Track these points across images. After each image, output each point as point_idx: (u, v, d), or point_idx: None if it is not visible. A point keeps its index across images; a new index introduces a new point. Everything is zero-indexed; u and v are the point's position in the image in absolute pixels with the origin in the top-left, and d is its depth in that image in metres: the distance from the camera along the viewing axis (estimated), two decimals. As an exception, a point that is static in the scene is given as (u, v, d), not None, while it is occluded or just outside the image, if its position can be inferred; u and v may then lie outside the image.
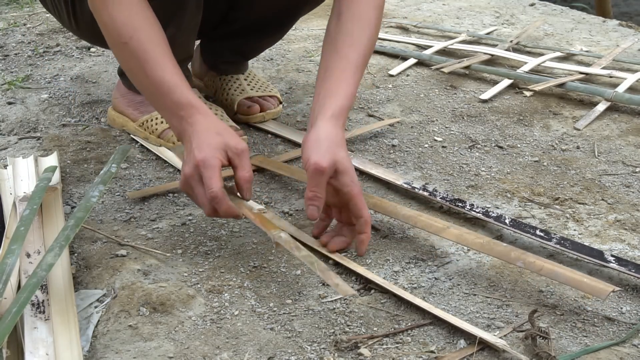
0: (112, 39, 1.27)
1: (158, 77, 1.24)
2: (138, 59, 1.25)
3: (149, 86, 1.27)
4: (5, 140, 1.65)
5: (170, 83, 1.24)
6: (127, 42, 1.24)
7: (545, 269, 1.12)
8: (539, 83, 1.90)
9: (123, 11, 1.25)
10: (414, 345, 1.05)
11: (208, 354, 1.03)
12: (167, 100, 1.25)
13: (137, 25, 1.25)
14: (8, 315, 0.97)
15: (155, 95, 1.27)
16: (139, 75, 1.27)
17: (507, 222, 1.29)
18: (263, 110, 1.72)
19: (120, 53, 1.28)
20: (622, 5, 4.26)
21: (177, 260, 1.23)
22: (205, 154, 1.19)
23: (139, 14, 1.26)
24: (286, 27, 1.77)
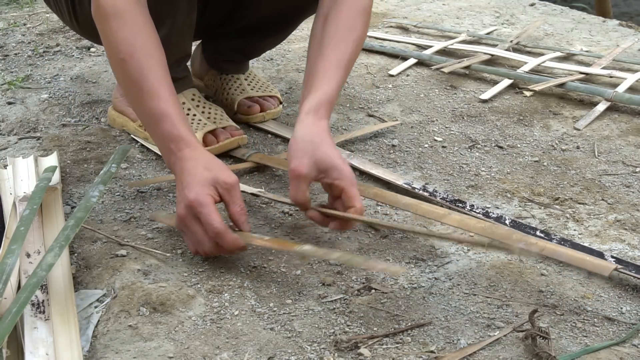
0: (111, 53, 1.25)
1: (152, 104, 1.22)
2: (135, 80, 1.23)
3: (143, 110, 1.25)
4: (5, 140, 1.65)
5: (163, 112, 1.22)
6: (127, 60, 1.22)
7: (548, 249, 1.13)
8: (539, 83, 1.90)
9: (126, 27, 1.23)
10: (414, 345, 1.05)
11: (208, 354, 1.03)
12: (158, 129, 1.23)
13: (138, 45, 1.23)
14: (8, 315, 0.97)
15: (148, 121, 1.26)
16: (134, 95, 1.25)
17: (507, 223, 1.30)
18: (263, 110, 1.72)
19: (117, 69, 1.26)
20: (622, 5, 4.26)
21: (177, 260, 1.23)
22: (196, 193, 1.17)
23: (142, 32, 1.24)
24: (290, 27, 1.77)
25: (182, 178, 1.20)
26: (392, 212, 1.38)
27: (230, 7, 1.69)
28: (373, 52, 2.19)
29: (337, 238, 1.30)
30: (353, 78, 2.00)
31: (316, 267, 1.22)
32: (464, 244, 1.22)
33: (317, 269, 1.21)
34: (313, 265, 1.22)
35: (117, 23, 1.23)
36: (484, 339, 1.05)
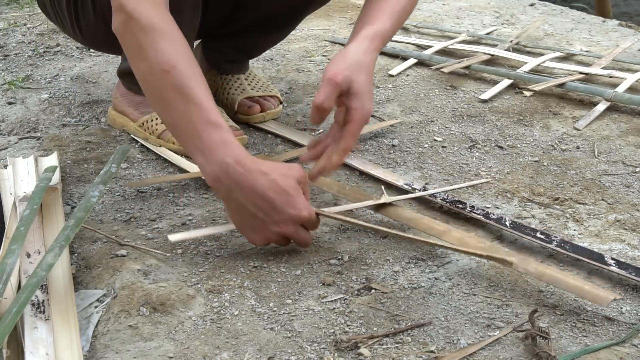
0: (149, 64, 1.21)
1: (203, 114, 1.18)
2: (180, 91, 1.19)
3: (187, 121, 1.20)
4: (5, 140, 1.65)
5: (215, 122, 1.18)
6: (169, 70, 1.19)
7: (547, 276, 1.12)
8: (539, 83, 1.90)
9: (165, 37, 1.20)
10: (414, 345, 1.05)
11: (208, 354, 1.03)
12: (209, 139, 1.18)
13: (180, 56, 1.20)
14: (8, 315, 0.97)
15: (193, 133, 1.19)
16: (176, 107, 1.20)
17: (507, 225, 1.29)
18: (263, 110, 1.72)
19: (154, 79, 1.21)
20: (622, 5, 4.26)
21: (177, 260, 1.23)
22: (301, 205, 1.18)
23: (182, 45, 1.22)
24: (291, 26, 1.77)
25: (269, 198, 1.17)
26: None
27: (230, 8, 1.69)
28: (373, 52, 2.18)
29: (337, 238, 1.30)
30: (353, 78, 2.00)
31: (316, 267, 1.22)
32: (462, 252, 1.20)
33: (317, 269, 1.21)
34: (313, 265, 1.23)
35: (156, 33, 1.20)
36: (484, 339, 1.05)
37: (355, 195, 1.36)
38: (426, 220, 1.27)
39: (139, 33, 1.21)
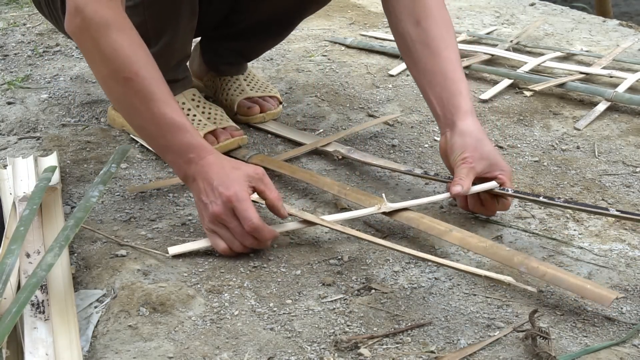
0: (111, 71, 1.21)
1: (167, 118, 1.22)
2: (144, 97, 1.21)
3: (153, 125, 1.23)
4: (5, 140, 1.65)
5: (180, 124, 1.22)
6: (132, 78, 1.20)
7: (549, 275, 1.12)
8: (539, 83, 1.90)
9: (126, 43, 1.21)
10: (414, 345, 1.04)
11: (208, 354, 1.03)
12: (175, 141, 1.23)
13: (142, 62, 1.22)
14: (8, 315, 0.97)
15: (160, 135, 1.24)
16: (141, 112, 1.23)
17: (509, 191, 1.29)
18: (263, 111, 1.72)
19: (118, 87, 1.23)
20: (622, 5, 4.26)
21: (177, 260, 1.23)
22: (234, 188, 1.20)
23: (141, 48, 1.23)
24: (288, 29, 1.77)
25: (211, 180, 1.21)
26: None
27: (227, 10, 1.69)
28: (373, 52, 2.19)
29: (337, 238, 1.30)
30: (353, 78, 2.00)
31: (316, 267, 1.22)
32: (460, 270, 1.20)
33: (317, 269, 1.21)
34: (313, 265, 1.22)
35: (116, 38, 1.20)
36: (484, 339, 1.05)
37: (355, 195, 1.36)
38: (427, 220, 1.27)
39: (98, 37, 1.21)
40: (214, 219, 1.21)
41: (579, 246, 1.28)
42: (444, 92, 1.37)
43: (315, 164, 1.56)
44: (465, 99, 1.36)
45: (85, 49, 1.25)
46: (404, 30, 1.42)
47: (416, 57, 1.41)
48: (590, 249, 1.27)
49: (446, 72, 1.37)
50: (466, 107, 1.35)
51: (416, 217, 1.28)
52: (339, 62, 2.11)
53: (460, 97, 1.36)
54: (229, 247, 1.22)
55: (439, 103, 1.37)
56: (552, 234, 1.32)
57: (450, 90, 1.36)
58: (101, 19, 1.20)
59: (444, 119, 1.36)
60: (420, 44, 1.40)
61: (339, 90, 1.92)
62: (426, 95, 1.41)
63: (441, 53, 1.39)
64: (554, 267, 1.14)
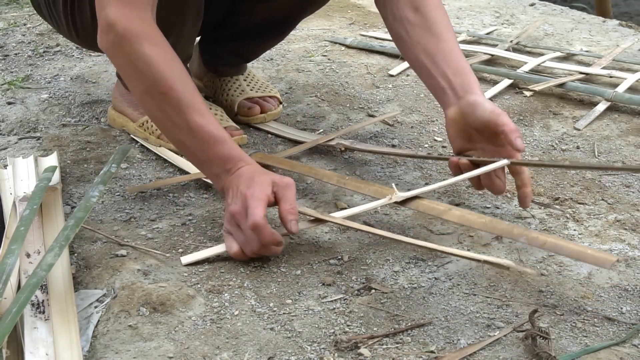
0: (146, 87, 1.22)
1: (205, 131, 1.22)
2: (180, 110, 1.21)
3: (191, 138, 1.23)
4: (5, 140, 1.65)
5: (217, 136, 1.23)
6: (167, 92, 1.21)
7: (549, 243, 1.12)
8: (539, 83, 1.90)
9: (160, 58, 1.21)
10: (414, 345, 1.05)
11: (208, 354, 1.03)
12: (213, 153, 1.23)
13: (177, 75, 1.22)
14: (8, 315, 0.97)
15: (198, 149, 1.24)
16: (179, 126, 1.23)
17: None
18: (264, 111, 1.72)
19: (154, 102, 1.23)
20: (622, 5, 4.26)
21: (177, 260, 1.23)
22: (254, 189, 1.19)
23: (175, 62, 1.23)
24: (286, 31, 1.77)
25: (238, 185, 1.21)
26: (392, 212, 1.38)
27: (225, 11, 1.69)
28: (373, 52, 2.19)
29: (337, 238, 1.30)
30: (353, 78, 2.00)
31: (316, 267, 1.22)
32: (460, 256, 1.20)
33: (317, 269, 1.21)
34: (313, 265, 1.22)
35: (149, 52, 1.21)
36: (484, 339, 1.05)
37: (355, 184, 1.36)
38: (426, 201, 1.27)
39: (132, 53, 1.21)
40: (230, 218, 1.21)
41: (578, 246, 1.28)
42: (449, 69, 1.38)
43: (316, 163, 1.56)
44: (473, 76, 1.38)
45: (120, 65, 1.25)
46: (403, 16, 1.44)
47: (416, 40, 1.42)
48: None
49: (450, 53, 1.40)
50: (477, 83, 1.37)
51: (414, 200, 1.28)
52: (339, 62, 2.11)
53: (469, 74, 1.38)
54: (241, 250, 1.20)
55: (445, 78, 1.38)
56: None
57: (457, 67, 1.38)
58: (134, 34, 1.21)
59: (453, 91, 1.36)
60: (420, 28, 1.42)
61: (339, 90, 1.92)
62: (428, 73, 1.41)
63: (443, 35, 1.41)
64: (554, 236, 1.15)
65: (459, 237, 1.30)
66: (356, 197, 1.42)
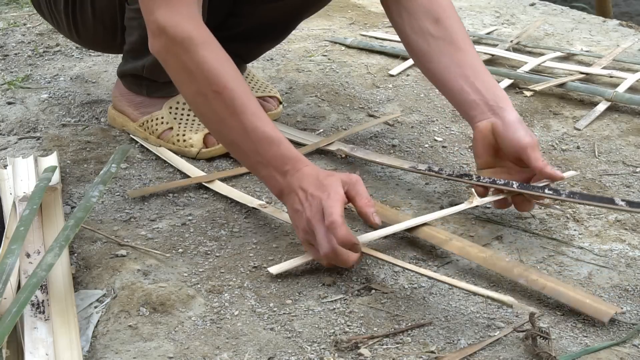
0: (199, 87, 1.21)
1: (260, 131, 1.20)
2: (234, 110, 1.20)
3: (245, 139, 1.21)
4: (5, 140, 1.65)
5: (274, 137, 1.20)
6: (221, 91, 1.20)
7: (548, 288, 1.12)
8: (539, 83, 1.90)
9: (212, 58, 1.21)
10: (414, 345, 1.04)
11: (208, 354, 1.03)
12: (269, 154, 1.20)
13: (230, 75, 1.21)
14: (8, 315, 0.97)
15: (253, 150, 1.21)
16: (233, 127, 1.21)
17: (515, 186, 1.28)
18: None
19: (207, 103, 1.21)
20: (622, 5, 4.26)
21: (177, 260, 1.23)
22: (328, 191, 1.15)
23: (228, 62, 1.23)
24: (286, 33, 1.76)
25: (306, 189, 1.17)
26: (392, 212, 1.38)
27: (224, 15, 1.69)
28: (373, 52, 2.19)
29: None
30: (353, 78, 2.00)
31: (316, 267, 1.22)
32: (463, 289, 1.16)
33: (317, 269, 1.21)
34: (313, 265, 1.22)
35: (203, 53, 1.20)
36: (484, 339, 1.05)
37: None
38: (427, 228, 1.27)
39: (185, 56, 1.20)
40: (306, 226, 1.16)
41: (579, 246, 1.28)
42: (478, 82, 1.38)
43: (316, 163, 1.55)
44: (503, 91, 1.38)
45: (172, 68, 1.24)
46: (423, 28, 1.43)
47: (439, 52, 1.42)
48: (591, 249, 1.27)
49: (476, 66, 1.40)
50: (507, 99, 1.37)
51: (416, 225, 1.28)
52: (339, 62, 2.11)
53: (499, 89, 1.39)
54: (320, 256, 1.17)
55: (476, 91, 1.37)
56: (552, 234, 1.32)
57: (485, 80, 1.38)
58: (185, 36, 1.20)
59: (486, 105, 1.36)
60: (443, 41, 1.42)
61: (339, 90, 1.92)
62: (457, 86, 1.40)
63: (467, 49, 1.42)
64: (554, 279, 1.14)
65: (460, 237, 1.30)
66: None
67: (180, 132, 1.57)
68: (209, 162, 1.56)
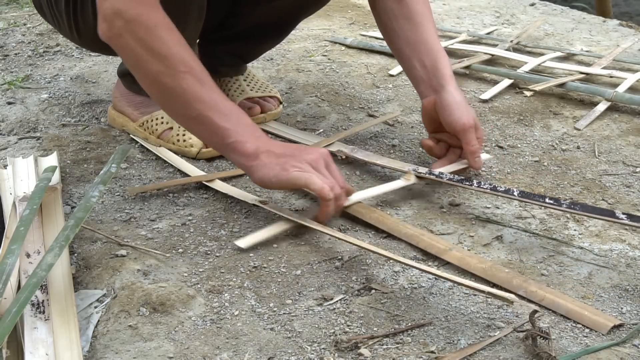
0: (166, 68, 1.24)
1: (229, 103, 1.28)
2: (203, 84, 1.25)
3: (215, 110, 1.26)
4: (5, 140, 1.65)
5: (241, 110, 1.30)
6: (189, 71, 1.25)
7: (547, 299, 1.12)
8: (540, 83, 1.90)
9: (175, 40, 1.25)
10: (414, 345, 1.04)
11: (208, 354, 1.03)
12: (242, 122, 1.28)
13: (193, 57, 1.27)
14: (8, 315, 0.97)
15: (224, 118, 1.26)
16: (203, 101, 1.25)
17: (516, 194, 1.31)
18: (264, 111, 1.72)
19: (174, 82, 1.24)
20: (622, 5, 4.26)
21: (177, 260, 1.23)
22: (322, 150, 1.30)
23: (187, 45, 1.27)
24: (285, 32, 1.77)
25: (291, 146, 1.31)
26: (392, 212, 1.38)
27: (225, 14, 1.69)
28: (373, 52, 2.19)
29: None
30: (353, 78, 2.00)
31: (316, 267, 1.22)
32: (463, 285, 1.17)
33: (317, 269, 1.21)
34: (313, 265, 1.22)
35: (165, 35, 1.24)
36: (484, 339, 1.05)
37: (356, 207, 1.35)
38: (427, 237, 1.27)
39: (147, 36, 1.23)
40: (309, 162, 1.26)
41: (579, 246, 1.28)
42: (427, 59, 1.49)
43: (316, 164, 1.55)
44: (448, 66, 1.49)
45: (130, 50, 1.25)
46: (387, 7, 1.54)
47: (399, 29, 1.53)
48: (591, 249, 1.27)
49: (428, 42, 1.51)
50: (451, 74, 1.48)
51: (416, 234, 1.28)
52: (339, 62, 2.11)
53: (444, 64, 1.49)
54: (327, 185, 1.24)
55: (423, 68, 1.50)
56: (552, 234, 1.32)
57: (434, 57, 1.49)
58: (147, 19, 1.24)
59: (429, 82, 1.49)
60: (403, 18, 1.52)
61: (339, 90, 1.92)
62: (409, 61, 1.52)
63: (423, 25, 1.52)
64: (553, 291, 1.14)
65: (460, 237, 1.30)
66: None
67: (180, 132, 1.57)
68: (208, 162, 1.56)
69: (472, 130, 1.43)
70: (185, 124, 1.36)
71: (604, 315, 1.09)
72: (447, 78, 1.47)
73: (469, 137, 1.43)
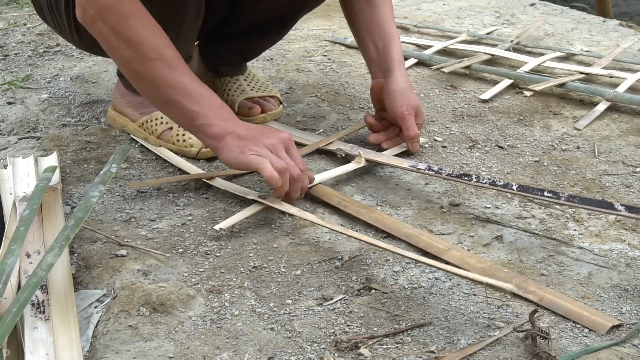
0: (136, 54, 1.29)
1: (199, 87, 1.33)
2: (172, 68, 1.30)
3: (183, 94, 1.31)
4: (5, 140, 1.65)
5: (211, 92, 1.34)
6: (159, 58, 1.29)
7: (546, 300, 1.12)
8: (539, 83, 1.90)
9: (147, 27, 1.29)
10: (414, 345, 1.04)
11: (208, 354, 1.03)
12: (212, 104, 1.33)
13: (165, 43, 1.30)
14: (8, 315, 0.97)
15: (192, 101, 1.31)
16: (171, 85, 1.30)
17: (514, 188, 1.31)
18: (264, 111, 1.72)
19: (144, 68, 1.30)
20: (622, 5, 4.26)
21: (177, 260, 1.23)
22: (284, 133, 1.34)
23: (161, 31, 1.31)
24: (286, 29, 1.77)
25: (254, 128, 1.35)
26: (392, 211, 1.38)
27: (225, 12, 1.69)
28: (373, 52, 2.18)
29: (337, 238, 1.30)
30: (353, 78, 2.00)
31: (316, 267, 1.22)
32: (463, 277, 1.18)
33: (317, 269, 1.21)
34: (313, 265, 1.22)
35: (136, 23, 1.28)
36: (484, 339, 1.05)
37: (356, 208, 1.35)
38: (426, 237, 1.27)
39: (118, 23, 1.27)
40: (267, 147, 1.30)
41: (579, 246, 1.28)
42: (380, 42, 1.57)
43: (316, 163, 1.56)
44: (399, 51, 1.57)
45: (104, 36, 1.30)
46: None
47: (357, 10, 1.60)
48: (590, 249, 1.27)
49: (383, 25, 1.58)
50: (400, 58, 1.57)
51: (415, 234, 1.28)
52: (339, 62, 2.11)
53: (395, 49, 1.57)
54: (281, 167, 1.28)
55: (376, 50, 1.58)
56: (552, 234, 1.32)
57: (386, 40, 1.57)
58: (119, 7, 1.27)
59: (380, 64, 1.58)
60: (364, 1, 1.59)
61: (339, 90, 1.92)
62: (364, 42, 1.60)
63: (380, 7, 1.58)
64: (552, 291, 1.14)
65: (460, 237, 1.30)
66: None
67: (180, 131, 1.57)
68: (208, 162, 1.56)
69: (411, 117, 1.52)
70: (159, 108, 1.43)
71: (603, 315, 1.09)
72: (396, 63, 1.55)
73: (408, 124, 1.52)
